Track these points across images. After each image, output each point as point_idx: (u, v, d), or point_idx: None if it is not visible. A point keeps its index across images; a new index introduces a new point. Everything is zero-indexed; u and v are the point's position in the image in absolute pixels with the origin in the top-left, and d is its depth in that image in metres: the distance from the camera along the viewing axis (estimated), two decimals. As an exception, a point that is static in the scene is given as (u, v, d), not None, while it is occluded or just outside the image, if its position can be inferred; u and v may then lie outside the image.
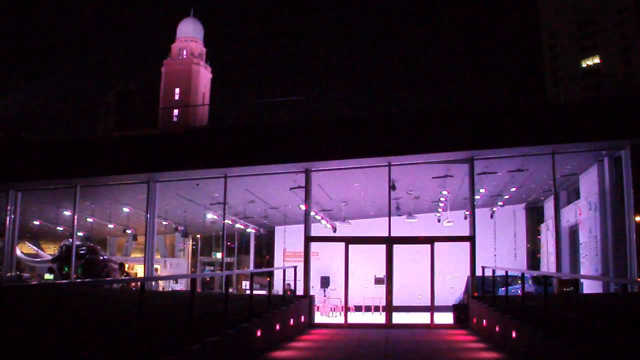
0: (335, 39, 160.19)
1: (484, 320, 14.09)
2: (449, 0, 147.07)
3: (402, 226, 20.69)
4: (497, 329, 12.53)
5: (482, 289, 16.70)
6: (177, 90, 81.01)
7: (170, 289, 24.61)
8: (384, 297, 17.38)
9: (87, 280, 18.70)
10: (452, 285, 22.01)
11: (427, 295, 17.23)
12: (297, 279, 17.84)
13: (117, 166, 18.61)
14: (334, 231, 24.96)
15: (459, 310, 16.85)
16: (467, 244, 16.86)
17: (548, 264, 22.62)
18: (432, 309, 16.82)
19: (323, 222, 24.42)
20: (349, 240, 17.76)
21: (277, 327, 12.77)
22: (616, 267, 16.48)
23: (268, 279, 17.21)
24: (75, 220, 19.73)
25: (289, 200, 21.76)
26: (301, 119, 19.37)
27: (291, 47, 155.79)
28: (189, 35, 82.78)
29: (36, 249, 27.26)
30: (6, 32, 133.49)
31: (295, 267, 17.77)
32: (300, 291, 17.63)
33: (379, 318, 18.55)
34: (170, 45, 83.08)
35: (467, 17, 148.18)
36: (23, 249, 25.63)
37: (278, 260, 27.29)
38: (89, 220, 25.54)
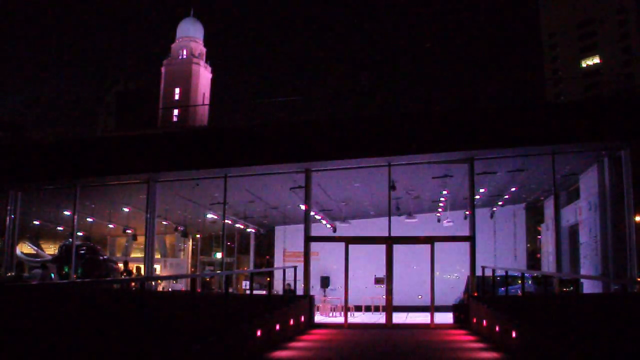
0: (335, 38, 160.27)
1: (484, 320, 14.09)
2: (449, 0, 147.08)
3: (402, 226, 20.68)
4: (497, 329, 12.53)
5: (482, 288, 16.70)
6: (177, 90, 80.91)
7: (170, 289, 24.60)
8: (384, 297, 17.38)
9: (87, 280, 18.68)
10: (452, 285, 22.01)
11: (427, 295, 17.24)
12: (297, 279, 17.84)
13: (117, 166, 18.60)
14: (334, 231, 24.93)
15: (459, 310, 16.85)
16: (467, 244, 16.86)
17: (548, 264, 22.62)
18: (432, 309, 16.83)
19: (323, 222, 24.41)
20: (349, 240, 17.76)
21: (277, 327, 12.77)
22: (616, 267, 16.47)
23: (268, 279, 17.20)
24: (75, 220, 19.72)
25: (289, 200, 21.75)
26: (301, 119, 19.34)
27: (291, 47, 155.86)
28: (189, 35, 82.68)
29: (36, 249, 27.25)
30: (6, 32, 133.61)
31: (295, 267, 17.76)
32: (300, 291, 17.62)
33: (379, 318, 18.55)
34: (170, 45, 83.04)
35: (467, 17, 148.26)
36: (23, 249, 25.62)
37: (278, 260, 27.25)
38: (89, 220, 25.53)
